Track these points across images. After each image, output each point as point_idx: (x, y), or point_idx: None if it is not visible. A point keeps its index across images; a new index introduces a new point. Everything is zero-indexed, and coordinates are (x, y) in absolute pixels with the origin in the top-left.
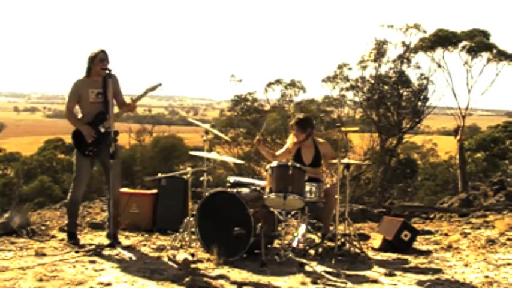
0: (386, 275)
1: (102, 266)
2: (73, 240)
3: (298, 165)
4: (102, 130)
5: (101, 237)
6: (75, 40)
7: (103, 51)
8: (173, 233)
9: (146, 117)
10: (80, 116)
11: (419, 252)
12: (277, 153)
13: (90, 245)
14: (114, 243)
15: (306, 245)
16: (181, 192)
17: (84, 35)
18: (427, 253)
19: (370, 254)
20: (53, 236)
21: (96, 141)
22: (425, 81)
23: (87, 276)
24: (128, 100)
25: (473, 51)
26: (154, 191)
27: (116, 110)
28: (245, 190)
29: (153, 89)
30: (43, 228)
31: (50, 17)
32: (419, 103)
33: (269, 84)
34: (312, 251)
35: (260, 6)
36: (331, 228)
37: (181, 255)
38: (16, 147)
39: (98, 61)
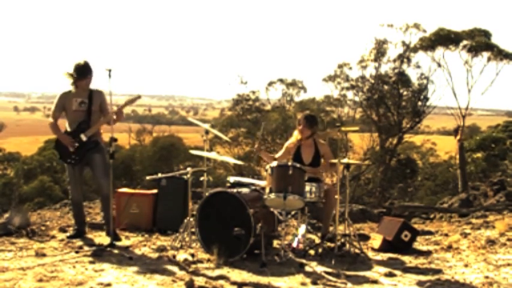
0: (386, 275)
1: (102, 267)
2: (77, 237)
3: (298, 165)
4: (84, 139)
5: (101, 237)
6: (75, 40)
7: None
8: (173, 233)
9: (146, 117)
10: (66, 124)
11: (419, 253)
12: (277, 155)
13: (91, 245)
14: (114, 243)
15: (306, 245)
16: (181, 192)
17: (85, 35)
18: (427, 253)
19: (370, 254)
20: (53, 236)
21: (78, 150)
22: (425, 81)
23: (87, 276)
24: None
25: (473, 51)
26: (154, 191)
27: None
28: (245, 190)
29: (132, 101)
30: (43, 228)
31: (50, 17)
32: (419, 103)
33: (270, 83)
34: (312, 251)
35: (261, 6)
36: (331, 228)
37: (181, 256)
38: (16, 147)
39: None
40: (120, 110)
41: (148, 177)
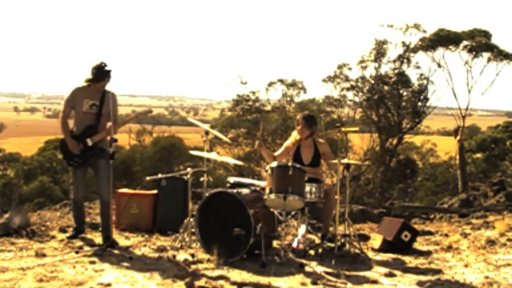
0: (386, 275)
1: (102, 267)
2: (76, 237)
3: (298, 165)
4: (90, 143)
5: (101, 238)
6: (75, 40)
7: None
8: (173, 233)
9: (146, 118)
10: (73, 124)
11: (419, 253)
12: (276, 153)
13: (91, 245)
14: (113, 243)
15: (306, 245)
16: (181, 193)
17: (85, 35)
18: (427, 254)
19: (370, 254)
20: (53, 237)
21: (82, 153)
22: (425, 81)
23: (87, 276)
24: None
25: (474, 51)
26: (154, 191)
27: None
28: (245, 191)
29: (142, 114)
30: (43, 228)
31: (50, 17)
32: (419, 103)
33: (270, 84)
34: (312, 252)
35: (261, 6)
36: (331, 228)
37: (181, 256)
38: (16, 147)
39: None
40: (128, 121)
41: (148, 178)
